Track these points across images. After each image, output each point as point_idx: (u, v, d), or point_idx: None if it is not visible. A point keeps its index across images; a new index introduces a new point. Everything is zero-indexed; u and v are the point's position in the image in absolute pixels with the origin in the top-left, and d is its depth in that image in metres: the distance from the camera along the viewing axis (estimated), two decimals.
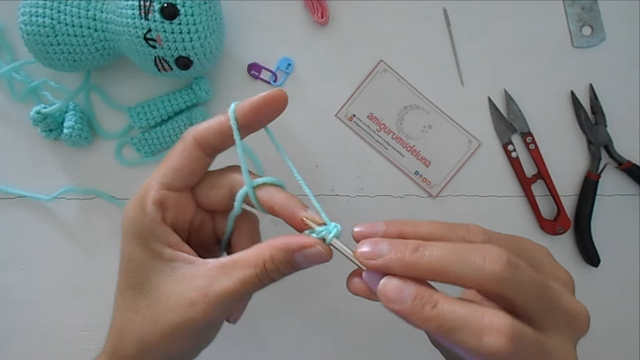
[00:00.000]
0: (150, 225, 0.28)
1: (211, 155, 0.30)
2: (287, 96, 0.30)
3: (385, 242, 0.25)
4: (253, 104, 0.29)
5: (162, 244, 0.28)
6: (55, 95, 0.47)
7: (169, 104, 0.46)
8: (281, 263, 0.27)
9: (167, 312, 0.27)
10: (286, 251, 0.27)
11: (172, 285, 0.27)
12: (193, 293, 0.27)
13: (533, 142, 0.49)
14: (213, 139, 0.29)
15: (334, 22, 0.48)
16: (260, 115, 0.29)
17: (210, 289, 0.27)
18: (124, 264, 0.29)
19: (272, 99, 0.29)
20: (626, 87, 0.49)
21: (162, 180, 0.29)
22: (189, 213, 0.30)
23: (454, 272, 0.23)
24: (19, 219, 0.48)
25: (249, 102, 0.29)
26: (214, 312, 0.27)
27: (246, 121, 0.29)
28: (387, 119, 0.49)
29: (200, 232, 0.32)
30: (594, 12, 0.49)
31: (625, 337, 0.50)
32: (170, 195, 0.29)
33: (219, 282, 0.27)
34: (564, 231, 0.48)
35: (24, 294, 0.48)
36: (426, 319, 0.23)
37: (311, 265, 0.28)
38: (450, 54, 0.49)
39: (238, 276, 0.27)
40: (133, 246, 0.28)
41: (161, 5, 0.38)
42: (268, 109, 0.29)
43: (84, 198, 0.48)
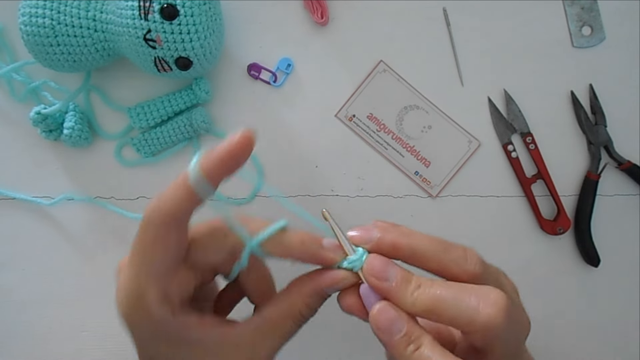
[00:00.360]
0: (163, 324, 0.25)
1: (186, 224, 0.26)
2: (254, 136, 0.24)
3: (394, 271, 0.25)
4: (218, 159, 0.24)
5: (184, 332, 0.26)
6: (55, 96, 0.47)
7: (168, 105, 0.46)
8: (317, 303, 0.28)
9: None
10: (319, 292, 0.27)
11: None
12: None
13: (533, 142, 0.49)
14: (185, 213, 0.25)
15: (334, 22, 0.48)
16: (229, 168, 0.24)
17: (258, 356, 0.27)
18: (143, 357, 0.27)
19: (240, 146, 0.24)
20: (626, 87, 0.49)
21: (152, 275, 0.25)
22: (192, 282, 0.28)
23: (447, 315, 0.24)
24: (19, 219, 0.48)
25: (214, 159, 0.24)
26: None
27: (215, 180, 0.24)
28: (387, 119, 0.49)
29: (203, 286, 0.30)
30: (594, 12, 0.49)
31: (625, 337, 0.50)
32: (169, 283, 0.26)
33: (264, 347, 0.27)
34: (564, 231, 0.48)
35: (24, 294, 0.48)
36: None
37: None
38: (450, 54, 0.49)
39: (279, 334, 0.27)
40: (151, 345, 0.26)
41: (161, 5, 0.38)
42: (237, 160, 0.24)
43: (84, 199, 0.48)
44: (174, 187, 0.25)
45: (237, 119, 0.48)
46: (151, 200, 0.25)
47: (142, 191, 0.48)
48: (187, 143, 0.48)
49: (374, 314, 0.25)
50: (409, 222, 0.48)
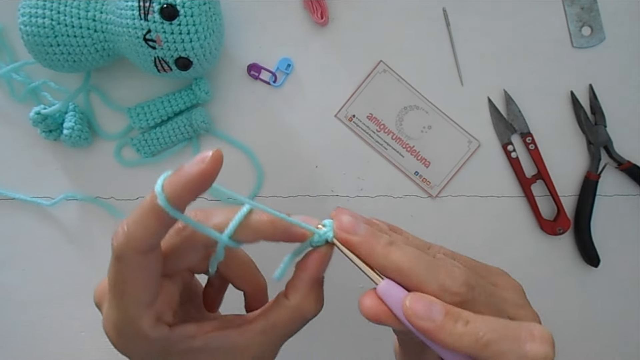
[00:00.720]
0: (162, 344, 0.25)
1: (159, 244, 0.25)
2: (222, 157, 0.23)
3: (365, 225, 0.25)
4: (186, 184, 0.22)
5: (186, 343, 0.26)
6: (55, 96, 0.47)
7: (168, 105, 0.46)
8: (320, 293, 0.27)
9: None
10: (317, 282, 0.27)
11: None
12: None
13: (533, 142, 0.48)
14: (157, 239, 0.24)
15: (333, 23, 0.48)
16: (197, 191, 0.23)
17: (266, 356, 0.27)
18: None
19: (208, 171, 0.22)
20: (626, 87, 0.49)
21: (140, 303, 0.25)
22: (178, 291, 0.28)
23: (416, 277, 0.23)
24: (19, 219, 0.48)
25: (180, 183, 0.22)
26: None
27: (183, 202, 0.23)
28: (387, 120, 0.49)
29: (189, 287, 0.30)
30: (594, 12, 0.49)
31: (625, 337, 0.50)
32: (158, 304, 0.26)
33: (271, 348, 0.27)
34: (563, 231, 0.48)
35: (24, 294, 0.48)
36: (460, 334, 0.22)
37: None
38: (450, 54, 0.49)
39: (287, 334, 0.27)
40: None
41: (161, 6, 0.38)
42: (205, 182, 0.23)
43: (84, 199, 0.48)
44: (142, 216, 0.23)
45: (237, 119, 0.48)
46: (116, 233, 0.24)
47: (142, 191, 0.48)
48: (187, 143, 0.48)
49: (408, 306, 0.23)
50: (409, 222, 0.48)
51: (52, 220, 0.48)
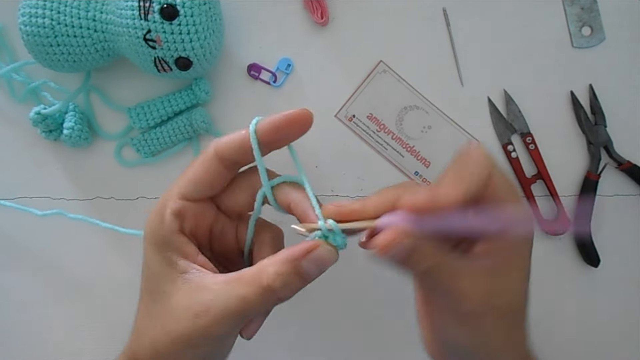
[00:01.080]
0: (168, 235, 0.28)
1: (232, 169, 0.29)
2: (312, 116, 0.28)
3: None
4: (275, 122, 0.27)
5: (178, 255, 0.28)
6: (55, 96, 0.47)
7: (168, 105, 0.46)
8: (289, 276, 0.26)
9: (175, 322, 0.27)
10: (291, 261, 0.26)
11: (182, 296, 0.27)
12: (197, 307, 0.26)
13: (533, 142, 0.48)
14: (234, 154, 0.28)
15: (333, 23, 0.48)
16: (282, 134, 0.28)
17: (213, 305, 0.26)
18: (144, 270, 0.30)
19: (296, 118, 0.27)
20: (626, 87, 0.49)
21: (181, 191, 0.29)
22: (208, 220, 0.30)
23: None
24: (19, 219, 0.48)
25: (271, 120, 0.27)
26: (217, 327, 0.26)
27: (267, 139, 0.28)
28: (387, 120, 0.49)
29: (222, 241, 0.32)
30: (594, 12, 0.49)
31: (625, 337, 0.50)
32: (189, 206, 0.29)
33: (221, 299, 0.26)
34: (563, 231, 0.48)
35: (24, 294, 0.48)
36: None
37: (321, 271, 0.27)
38: (450, 54, 0.49)
39: (239, 293, 0.26)
40: (151, 254, 0.29)
41: (161, 5, 0.38)
42: (290, 128, 0.28)
43: (84, 199, 0.48)
44: (234, 135, 0.28)
45: (237, 119, 0.48)
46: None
47: (142, 191, 0.48)
48: (187, 143, 0.48)
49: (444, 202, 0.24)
50: None
51: (53, 221, 0.48)
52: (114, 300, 0.48)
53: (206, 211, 0.30)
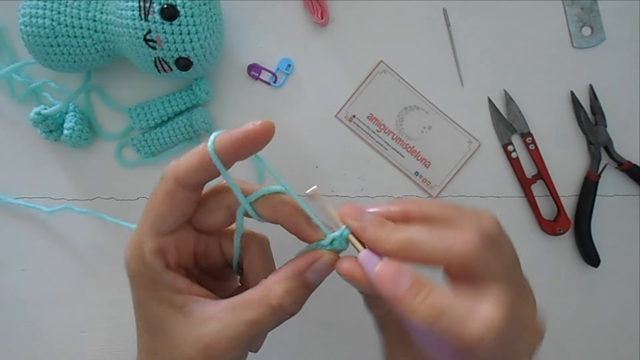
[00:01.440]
0: (154, 275, 0.27)
1: (198, 190, 0.28)
2: (273, 127, 0.26)
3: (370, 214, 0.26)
4: (233, 138, 0.26)
5: (171, 291, 0.27)
6: (56, 97, 0.47)
7: (169, 105, 0.46)
8: (297, 291, 0.26)
9: (184, 356, 0.26)
10: (297, 276, 0.26)
11: (186, 330, 0.27)
12: (207, 338, 0.26)
13: (533, 142, 0.49)
14: (196, 176, 0.27)
15: (334, 23, 0.48)
16: (242, 149, 0.26)
17: (224, 334, 0.26)
18: (137, 311, 0.28)
19: (257, 134, 0.26)
20: (626, 87, 0.49)
21: (153, 228, 0.27)
22: (190, 246, 0.29)
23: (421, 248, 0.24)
24: (19, 219, 0.48)
25: (229, 136, 0.26)
26: (230, 354, 0.26)
27: (228, 157, 0.26)
28: (387, 120, 0.49)
29: (208, 258, 0.31)
30: (594, 12, 0.49)
31: (625, 337, 0.50)
32: (167, 240, 0.28)
33: (231, 327, 0.26)
34: (564, 231, 0.48)
35: (24, 294, 0.48)
36: (415, 308, 0.23)
37: (324, 278, 0.27)
38: (450, 54, 0.49)
39: (249, 318, 0.26)
40: (142, 295, 0.28)
41: (161, 6, 0.38)
42: (251, 144, 0.26)
43: (84, 199, 0.48)
44: (191, 154, 0.27)
45: (237, 119, 0.48)
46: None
47: (142, 192, 0.48)
48: (187, 143, 0.48)
49: (378, 271, 0.24)
50: None
51: (53, 221, 0.48)
52: (115, 300, 0.48)
53: (186, 238, 0.29)
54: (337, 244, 0.27)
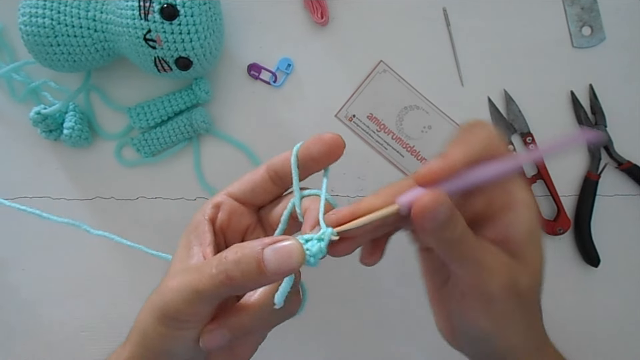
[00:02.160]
0: (199, 218, 0.30)
1: (277, 183, 0.31)
2: (344, 145, 0.31)
3: None
4: (314, 154, 0.30)
5: (196, 240, 0.30)
6: (55, 96, 0.47)
7: (168, 105, 0.46)
8: (246, 259, 0.23)
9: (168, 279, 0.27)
10: (253, 246, 0.24)
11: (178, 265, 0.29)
12: (175, 272, 0.28)
13: (533, 142, 0.49)
14: (277, 167, 0.31)
15: (333, 22, 0.48)
16: (319, 164, 0.31)
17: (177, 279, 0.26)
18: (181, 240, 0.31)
19: (333, 142, 0.31)
20: (626, 87, 0.49)
21: (228, 189, 0.32)
22: (243, 223, 0.32)
23: None
24: (19, 219, 0.48)
25: (314, 139, 0.30)
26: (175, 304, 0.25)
27: (309, 154, 0.30)
28: (387, 120, 0.49)
29: None
30: (594, 12, 0.49)
31: (625, 337, 0.50)
32: (229, 202, 0.31)
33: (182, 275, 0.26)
34: (564, 231, 0.48)
35: (24, 294, 0.48)
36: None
37: (280, 270, 0.23)
38: (450, 54, 0.49)
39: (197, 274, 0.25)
40: (187, 231, 0.31)
41: (161, 5, 0.38)
42: (327, 159, 0.31)
43: (84, 199, 0.48)
44: (284, 153, 0.31)
45: (237, 119, 0.48)
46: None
47: (142, 191, 0.48)
48: (187, 143, 0.48)
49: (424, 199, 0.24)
50: None
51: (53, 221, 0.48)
52: (115, 300, 0.48)
53: (245, 214, 0.32)
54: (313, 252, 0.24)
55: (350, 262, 0.43)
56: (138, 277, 0.47)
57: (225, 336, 0.27)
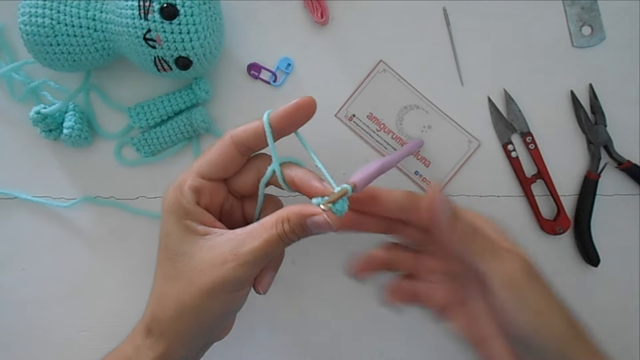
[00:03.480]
0: (187, 205, 0.32)
1: (245, 154, 0.34)
2: (315, 103, 0.33)
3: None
4: (285, 111, 0.32)
5: (197, 222, 0.32)
6: (55, 96, 0.47)
7: (168, 104, 0.46)
8: (295, 225, 0.31)
9: (202, 274, 0.31)
10: (300, 216, 0.31)
11: (206, 252, 0.31)
12: (224, 254, 0.31)
13: (533, 142, 0.49)
14: (248, 141, 0.33)
15: (333, 22, 0.48)
16: (292, 121, 0.33)
17: (240, 249, 0.30)
18: (163, 239, 0.33)
19: (303, 104, 0.33)
20: (626, 87, 0.49)
21: (199, 170, 0.33)
22: (220, 198, 0.35)
23: None
24: (19, 219, 0.48)
25: (282, 109, 0.32)
26: (243, 269, 0.30)
27: (279, 125, 0.33)
28: (387, 119, 0.49)
29: (230, 216, 0.36)
30: (594, 12, 0.49)
31: (625, 337, 0.50)
32: (205, 183, 0.33)
33: (247, 243, 0.31)
34: (563, 231, 0.48)
35: (24, 294, 0.48)
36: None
37: (320, 232, 0.31)
38: (450, 54, 0.49)
39: (263, 236, 0.31)
40: (171, 223, 0.32)
41: (161, 5, 0.38)
42: (298, 115, 0.33)
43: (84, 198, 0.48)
44: (249, 124, 0.33)
45: (237, 118, 0.48)
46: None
47: (142, 191, 0.48)
48: (187, 143, 0.48)
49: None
50: None
51: (52, 221, 0.48)
52: (115, 300, 0.48)
53: (219, 190, 0.34)
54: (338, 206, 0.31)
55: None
56: (138, 277, 0.47)
57: (273, 275, 0.36)
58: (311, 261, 0.48)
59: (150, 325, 0.33)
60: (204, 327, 0.33)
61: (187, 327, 0.32)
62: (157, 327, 0.33)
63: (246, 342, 0.48)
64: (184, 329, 0.32)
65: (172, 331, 0.32)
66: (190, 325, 0.32)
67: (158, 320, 0.33)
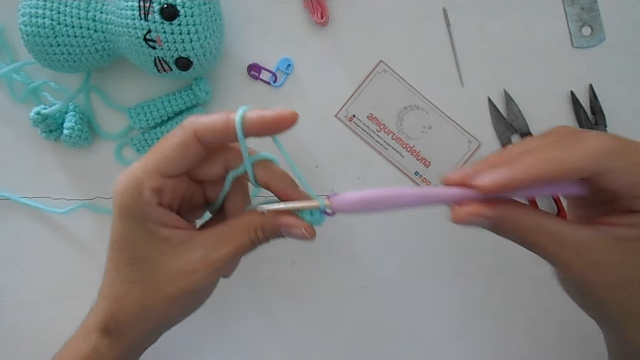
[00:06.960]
0: (147, 209, 0.29)
1: (209, 148, 0.31)
2: (297, 118, 0.30)
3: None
4: (263, 119, 0.29)
5: (159, 225, 0.30)
6: (55, 96, 0.47)
7: (168, 105, 0.46)
8: (270, 233, 0.31)
9: (170, 281, 0.29)
10: (276, 226, 0.30)
11: (171, 258, 0.30)
12: (194, 263, 0.29)
13: None
14: (215, 138, 0.29)
15: (333, 23, 0.48)
16: (267, 130, 0.30)
17: (210, 257, 0.30)
18: (119, 241, 0.31)
19: (284, 119, 0.29)
20: (626, 87, 0.49)
21: (158, 169, 0.29)
22: (182, 190, 0.32)
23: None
24: (19, 219, 0.48)
25: (259, 115, 0.29)
26: (214, 276, 0.30)
27: (252, 131, 0.29)
28: (387, 120, 0.49)
29: (190, 200, 0.33)
30: (594, 12, 0.49)
31: None
32: (167, 182, 0.30)
33: (218, 250, 0.30)
34: None
35: (24, 294, 0.48)
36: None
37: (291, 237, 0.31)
38: (450, 54, 0.49)
39: (235, 243, 0.30)
40: (130, 227, 0.30)
41: (161, 6, 0.38)
42: (275, 127, 0.29)
43: (84, 199, 0.48)
44: (217, 117, 0.29)
45: None
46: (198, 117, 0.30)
47: None
48: None
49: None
50: (409, 223, 0.48)
51: (53, 221, 0.48)
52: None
53: (181, 183, 0.32)
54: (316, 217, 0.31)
55: (350, 262, 0.43)
56: None
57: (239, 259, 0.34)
58: (311, 262, 0.48)
59: (108, 326, 0.32)
60: (168, 326, 0.33)
61: (151, 329, 0.32)
62: (117, 327, 0.31)
63: (246, 342, 0.48)
64: (147, 330, 0.32)
65: (134, 332, 0.31)
66: (155, 327, 0.32)
67: (117, 321, 0.31)
